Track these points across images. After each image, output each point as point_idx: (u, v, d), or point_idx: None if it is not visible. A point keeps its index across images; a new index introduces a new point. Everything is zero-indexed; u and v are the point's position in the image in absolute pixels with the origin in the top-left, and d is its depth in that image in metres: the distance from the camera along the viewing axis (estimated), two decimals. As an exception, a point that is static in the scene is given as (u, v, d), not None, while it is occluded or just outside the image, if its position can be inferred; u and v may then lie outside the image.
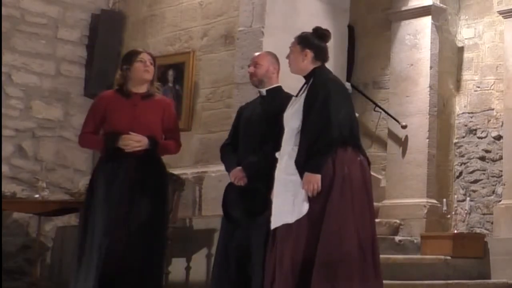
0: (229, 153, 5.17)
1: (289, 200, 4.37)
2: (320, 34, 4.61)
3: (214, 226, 5.87)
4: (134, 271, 4.90)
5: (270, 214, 4.59)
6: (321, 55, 4.59)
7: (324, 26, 4.73)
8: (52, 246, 7.38)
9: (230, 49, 6.60)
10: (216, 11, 6.80)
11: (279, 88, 5.10)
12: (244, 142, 5.08)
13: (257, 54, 5.27)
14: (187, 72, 6.89)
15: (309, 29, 4.68)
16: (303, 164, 4.32)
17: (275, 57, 5.16)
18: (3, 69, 7.21)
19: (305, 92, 4.49)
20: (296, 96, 4.61)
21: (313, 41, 4.57)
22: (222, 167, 6.16)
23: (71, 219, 7.39)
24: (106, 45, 7.65)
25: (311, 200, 4.31)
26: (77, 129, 7.65)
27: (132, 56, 5.18)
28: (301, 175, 4.33)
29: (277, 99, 4.97)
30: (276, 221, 4.44)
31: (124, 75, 5.15)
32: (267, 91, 5.10)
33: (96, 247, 4.87)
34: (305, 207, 4.31)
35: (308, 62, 4.56)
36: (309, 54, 4.56)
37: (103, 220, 4.90)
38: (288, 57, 4.67)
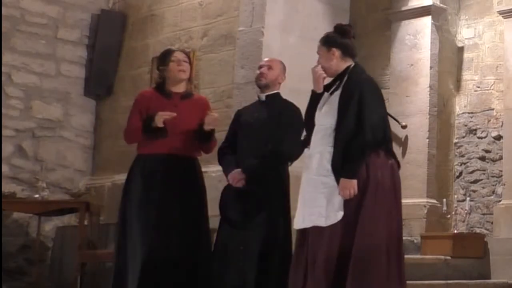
0: (227, 155, 5.20)
1: (321, 202, 4.31)
2: (342, 31, 4.53)
3: (214, 226, 5.86)
4: (180, 268, 4.93)
5: (266, 216, 4.76)
6: (348, 51, 4.50)
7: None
8: (52, 246, 7.38)
9: (230, 49, 6.60)
10: (216, 11, 6.80)
11: (277, 94, 5.18)
12: (245, 146, 5.13)
13: (269, 58, 5.34)
14: (187, 72, 6.88)
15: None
16: (339, 170, 4.27)
17: (285, 68, 5.24)
18: (3, 69, 7.21)
19: (339, 90, 4.41)
20: (328, 92, 4.49)
21: (336, 39, 4.50)
22: (222, 167, 6.16)
23: (71, 219, 7.40)
24: (106, 45, 7.66)
25: (344, 204, 4.26)
26: (77, 129, 7.69)
27: (166, 56, 5.21)
28: (337, 180, 4.27)
29: (277, 104, 5.09)
30: (305, 222, 4.38)
31: (162, 75, 5.19)
32: (266, 96, 5.16)
33: (136, 248, 4.91)
34: (340, 214, 4.26)
35: (338, 61, 4.47)
36: (336, 52, 4.47)
37: (141, 218, 4.95)
38: (318, 62, 4.53)
